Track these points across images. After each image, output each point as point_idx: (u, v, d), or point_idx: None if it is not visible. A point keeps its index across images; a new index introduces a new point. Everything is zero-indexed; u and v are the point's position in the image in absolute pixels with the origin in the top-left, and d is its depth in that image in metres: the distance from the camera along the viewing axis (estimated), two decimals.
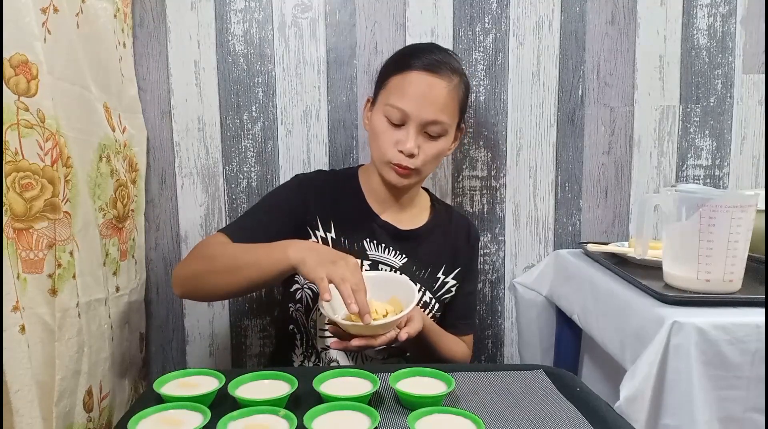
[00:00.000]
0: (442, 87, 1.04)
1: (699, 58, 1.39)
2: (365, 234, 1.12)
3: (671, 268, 0.97)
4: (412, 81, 1.04)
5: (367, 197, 1.15)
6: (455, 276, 1.17)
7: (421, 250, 1.14)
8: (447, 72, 1.05)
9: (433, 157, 1.07)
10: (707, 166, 1.43)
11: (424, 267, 1.14)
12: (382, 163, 1.08)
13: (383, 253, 1.12)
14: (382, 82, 1.09)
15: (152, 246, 1.34)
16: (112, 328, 1.10)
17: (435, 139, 1.06)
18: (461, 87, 1.08)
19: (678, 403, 0.86)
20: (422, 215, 1.19)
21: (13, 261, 0.79)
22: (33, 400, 0.79)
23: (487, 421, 0.71)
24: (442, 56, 1.07)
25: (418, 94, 1.03)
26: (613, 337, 1.01)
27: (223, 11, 1.29)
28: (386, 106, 1.05)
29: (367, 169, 1.17)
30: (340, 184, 1.16)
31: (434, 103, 1.04)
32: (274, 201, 1.12)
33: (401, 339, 0.92)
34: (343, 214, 1.12)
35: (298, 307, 1.12)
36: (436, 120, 1.04)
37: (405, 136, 1.04)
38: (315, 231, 1.10)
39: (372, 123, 1.10)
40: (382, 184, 1.13)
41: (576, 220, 1.42)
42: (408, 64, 1.05)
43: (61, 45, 0.90)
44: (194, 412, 0.71)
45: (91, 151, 1.01)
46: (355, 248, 1.10)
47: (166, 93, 1.31)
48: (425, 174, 1.12)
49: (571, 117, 1.39)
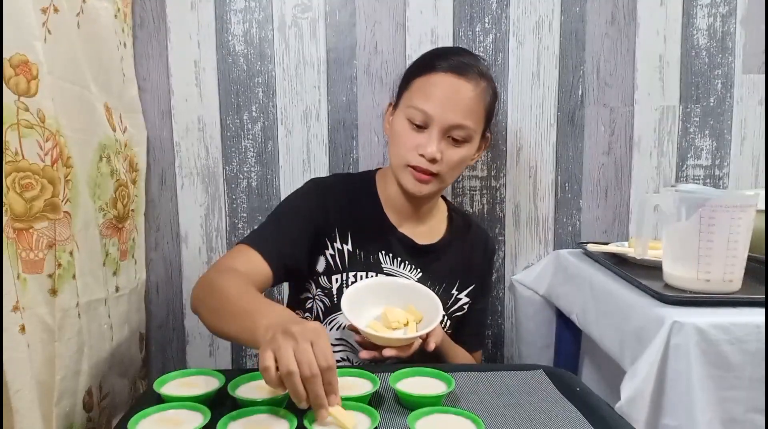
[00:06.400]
0: (468, 90, 1.00)
1: (699, 58, 1.39)
2: (381, 246, 1.08)
3: (671, 268, 0.97)
4: (436, 82, 1.00)
5: (385, 207, 1.10)
6: (469, 293, 1.14)
7: (437, 265, 1.11)
8: (474, 75, 1.01)
9: (456, 163, 1.03)
10: (707, 166, 1.43)
11: (438, 282, 1.10)
12: (400, 168, 1.03)
13: (398, 267, 1.08)
14: (406, 84, 1.05)
15: (152, 246, 1.34)
16: (112, 328, 1.10)
17: (459, 145, 1.02)
18: (488, 92, 1.04)
19: (678, 404, 0.86)
20: (440, 227, 1.15)
21: (13, 261, 0.79)
22: (33, 400, 0.79)
23: (487, 421, 0.71)
24: (470, 59, 1.03)
25: (442, 96, 0.99)
26: (613, 337, 1.01)
27: (223, 11, 1.29)
28: (408, 108, 1.01)
29: (384, 175, 1.13)
30: (358, 191, 1.11)
31: (459, 106, 0.99)
32: (293, 207, 1.07)
33: (430, 349, 0.91)
34: (360, 225, 1.07)
35: (307, 316, 1.09)
36: (461, 124, 1.00)
37: (427, 139, 1.00)
38: (333, 242, 1.06)
39: (393, 126, 1.05)
40: (400, 192, 1.08)
41: (576, 220, 1.42)
42: (433, 65, 1.01)
43: (62, 45, 0.90)
44: (194, 412, 0.71)
45: (92, 151, 1.01)
46: (371, 261, 1.07)
47: (166, 93, 1.31)
48: (446, 183, 1.07)
49: (571, 117, 1.39)
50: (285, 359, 0.65)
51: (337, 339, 1.06)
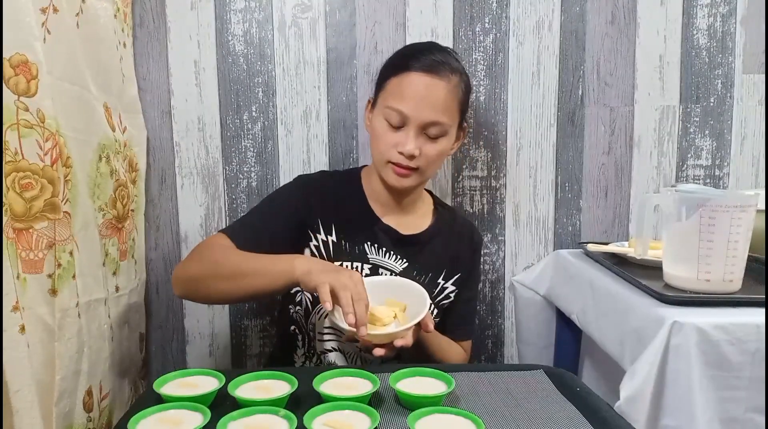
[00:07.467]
0: (441, 88, 1.03)
1: (699, 58, 1.39)
2: (366, 237, 1.11)
3: (671, 268, 0.97)
4: (410, 82, 1.03)
5: (369, 200, 1.14)
6: (455, 282, 1.16)
7: (422, 255, 1.13)
8: (446, 72, 1.04)
9: (434, 158, 1.07)
10: (707, 166, 1.43)
11: (424, 272, 1.13)
12: (381, 164, 1.08)
13: (384, 257, 1.11)
14: (381, 84, 1.08)
15: (152, 246, 1.34)
16: (112, 328, 1.10)
17: (435, 140, 1.06)
18: (461, 86, 1.07)
19: (678, 404, 0.86)
20: (425, 219, 1.17)
21: (13, 261, 0.79)
22: (33, 400, 0.78)
23: (487, 421, 0.71)
24: (441, 56, 1.06)
25: (416, 95, 1.02)
26: (613, 337, 1.01)
27: (223, 11, 1.29)
28: (385, 109, 1.05)
29: (369, 171, 1.16)
30: (343, 185, 1.15)
31: (433, 104, 1.03)
32: (276, 201, 1.12)
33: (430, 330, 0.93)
34: (345, 216, 1.11)
35: (298, 309, 1.12)
36: (436, 121, 1.03)
37: (405, 137, 1.03)
38: (316, 233, 1.10)
39: (372, 125, 1.09)
40: (383, 186, 1.12)
41: (576, 220, 1.42)
42: (406, 65, 1.04)
43: (61, 45, 0.90)
44: (194, 412, 0.71)
45: (91, 151, 1.01)
46: (356, 252, 1.10)
47: (166, 93, 1.31)
48: (427, 176, 1.11)
49: (571, 117, 1.39)
50: (341, 283, 0.87)
51: (326, 327, 1.08)
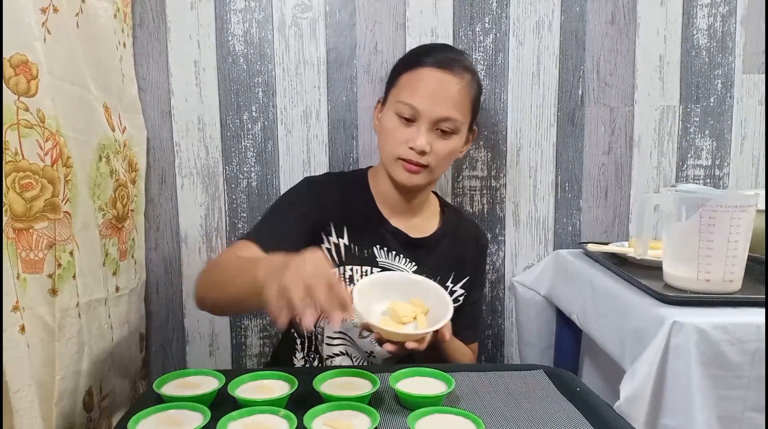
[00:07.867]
0: (454, 83, 1.03)
1: (699, 58, 1.39)
2: (375, 241, 1.10)
3: (671, 268, 0.97)
4: (423, 77, 1.03)
5: (377, 201, 1.13)
6: (463, 285, 1.16)
7: (431, 258, 1.13)
8: (459, 69, 1.04)
9: (445, 155, 1.05)
10: (707, 166, 1.43)
11: (433, 275, 1.10)
12: (391, 161, 1.06)
13: (393, 260, 1.10)
14: (393, 81, 1.08)
15: (152, 246, 1.34)
16: (112, 328, 1.10)
17: (447, 137, 1.05)
18: (473, 85, 1.07)
19: (678, 403, 0.86)
20: (432, 221, 1.17)
21: (13, 261, 0.79)
22: (33, 400, 0.78)
23: (487, 421, 0.71)
24: (454, 54, 1.07)
25: (429, 90, 1.02)
26: (613, 337, 1.01)
27: (223, 11, 1.29)
28: (397, 103, 1.04)
29: (376, 172, 1.15)
30: (350, 187, 1.14)
31: (446, 99, 1.02)
32: (288, 204, 1.10)
33: (446, 339, 0.92)
34: (354, 219, 1.10)
35: None
36: (449, 116, 1.03)
37: (416, 133, 1.02)
38: (328, 236, 1.08)
39: (382, 122, 1.08)
40: (391, 186, 1.10)
41: (576, 220, 1.42)
42: (419, 61, 1.04)
43: (61, 45, 0.90)
44: (194, 412, 0.71)
45: (91, 151, 1.01)
46: (365, 255, 1.09)
47: (166, 93, 1.31)
48: (436, 175, 1.09)
49: (571, 117, 1.39)
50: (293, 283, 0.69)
51: (336, 332, 1.07)
